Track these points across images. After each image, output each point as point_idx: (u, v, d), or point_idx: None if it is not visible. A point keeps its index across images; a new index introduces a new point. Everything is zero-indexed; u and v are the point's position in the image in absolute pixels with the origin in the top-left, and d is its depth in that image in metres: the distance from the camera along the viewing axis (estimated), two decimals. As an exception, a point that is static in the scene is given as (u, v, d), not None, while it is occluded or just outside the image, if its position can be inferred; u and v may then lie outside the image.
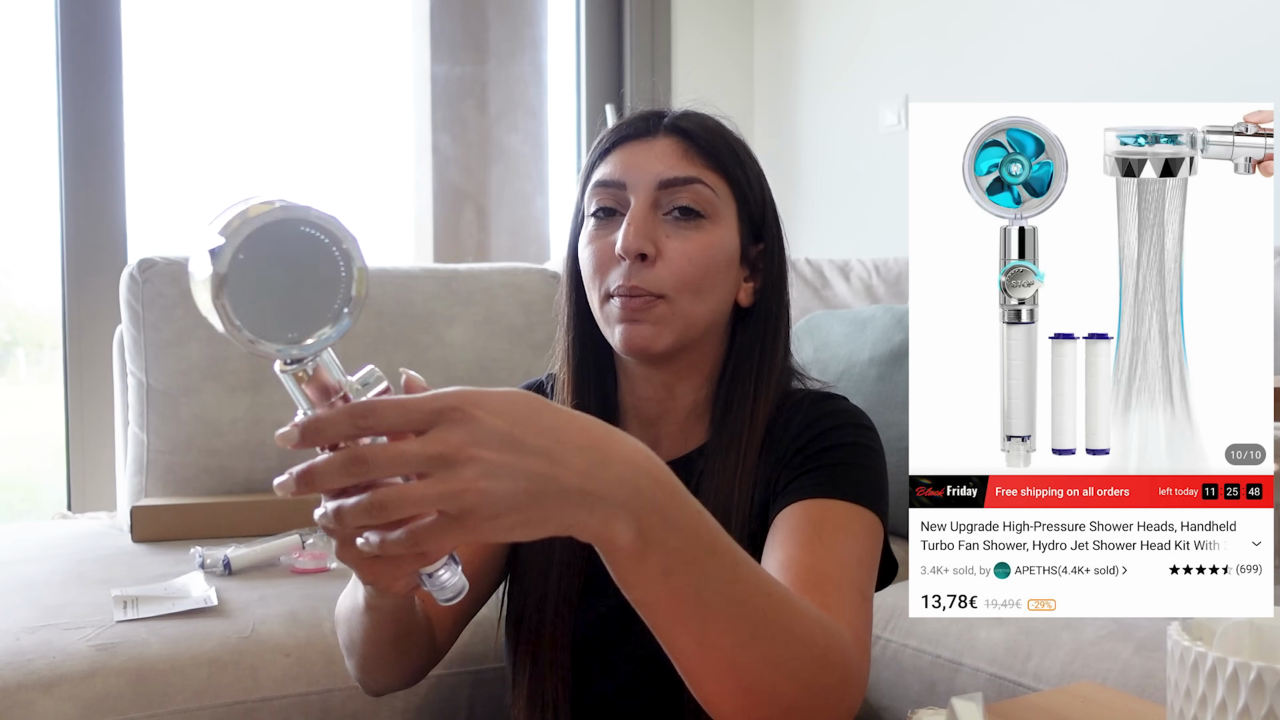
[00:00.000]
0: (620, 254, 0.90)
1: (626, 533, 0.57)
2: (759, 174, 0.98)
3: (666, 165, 0.92)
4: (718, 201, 0.93)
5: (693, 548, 0.59)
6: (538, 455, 0.54)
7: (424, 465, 0.53)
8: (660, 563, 0.58)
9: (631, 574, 0.59)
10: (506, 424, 0.54)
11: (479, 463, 0.53)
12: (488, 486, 0.53)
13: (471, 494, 0.53)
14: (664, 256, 0.90)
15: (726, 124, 0.98)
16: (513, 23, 2.92)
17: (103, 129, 2.29)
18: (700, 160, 0.93)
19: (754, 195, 0.96)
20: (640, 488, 0.57)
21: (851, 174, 2.74)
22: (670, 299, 0.90)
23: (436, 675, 1.32)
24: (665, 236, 0.91)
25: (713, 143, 0.94)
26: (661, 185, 0.91)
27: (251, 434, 1.84)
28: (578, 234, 0.98)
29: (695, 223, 0.92)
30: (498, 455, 0.53)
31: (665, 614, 0.61)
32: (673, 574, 0.59)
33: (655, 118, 0.95)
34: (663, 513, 0.58)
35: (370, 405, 0.54)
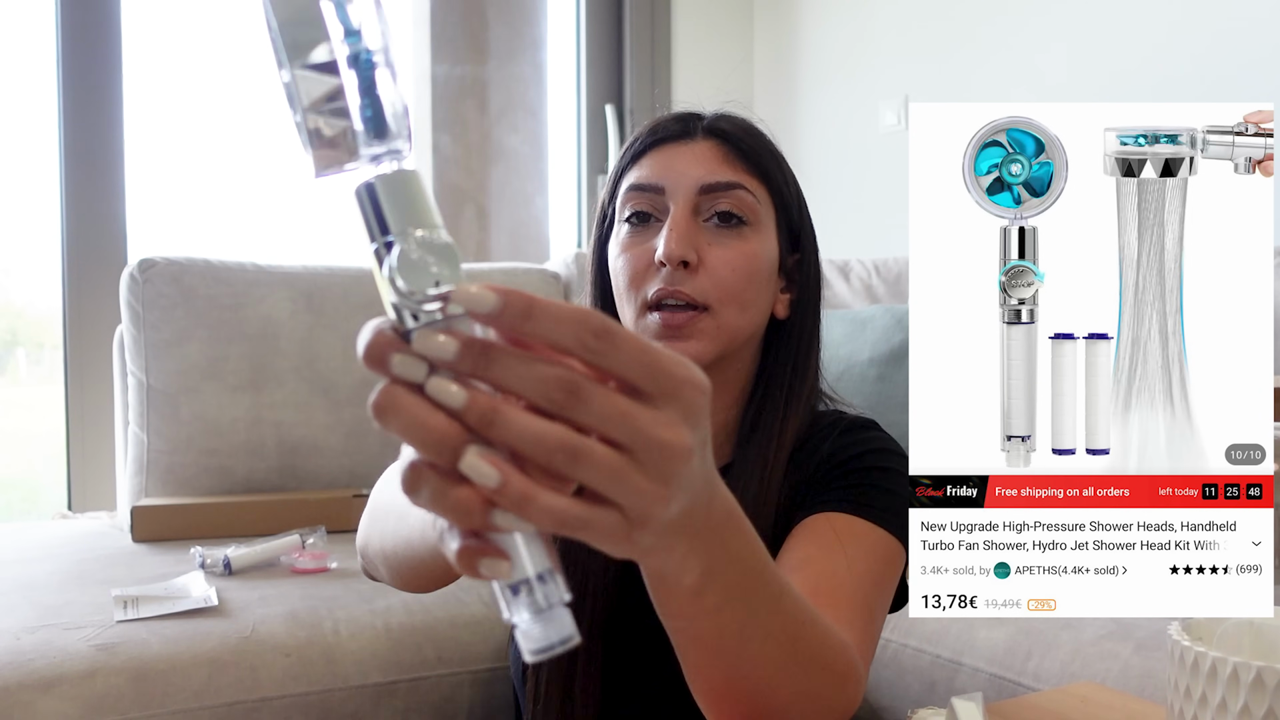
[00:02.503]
0: (661, 261, 0.86)
1: (695, 569, 0.50)
2: (795, 179, 0.94)
3: (707, 169, 0.88)
4: (759, 208, 0.89)
5: (748, 581, 0.54)
6: (710, 482, 0.46)
7: (644, 445, 0.40)
8: (716, 599, 0.53)
9: (684, 608, 0.53)
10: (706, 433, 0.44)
11: (688, 472, 0.42)
12: (672, 498, 0.41)
13: (662, 503, 0.41)
14: (706, 265, 0.86)
15: (762, 127, 0.94)
16: (513, 23, 2.92)
17: (103, 129, 2.29)
18: (741, 164, 0.89)
19: (793, 202, 0.92)
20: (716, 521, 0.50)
21: (851, 174, 2.73)
22: (714, 310, 0.86)
23: (436, 675, 1.32)
24: (707, 244, 0.87)
25: (754, 146, 0.90)
26: (703, 190, 0.87)
27: (251, 434, 1.84)
28: (604, 241, 0.94)
29: (737, 230, 0.88)
30: (696, 469, 0.43)
31: (705, 647, 0.57)
32: (723, 610, 0.54)
33: (693, 119, 0.91)
34: (727, 546, 0.51)
35: (610, 326, 0.39)
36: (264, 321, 1.88)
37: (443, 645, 1.34)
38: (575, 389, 0.39)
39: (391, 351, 0.39)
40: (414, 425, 0.38)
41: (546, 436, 0.39)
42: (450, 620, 1.36)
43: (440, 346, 0.38)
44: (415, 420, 0.38)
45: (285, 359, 1.88)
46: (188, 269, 1.86)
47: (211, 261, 1.90)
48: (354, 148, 0.43)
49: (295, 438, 1.87)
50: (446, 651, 1.33)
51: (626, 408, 0.40)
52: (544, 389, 0.39)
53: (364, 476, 1.92)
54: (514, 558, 0.41)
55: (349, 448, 1.91)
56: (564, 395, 0.39)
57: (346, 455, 1.90)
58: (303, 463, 1.87)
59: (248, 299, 1.88)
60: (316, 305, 1.93)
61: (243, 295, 1.88)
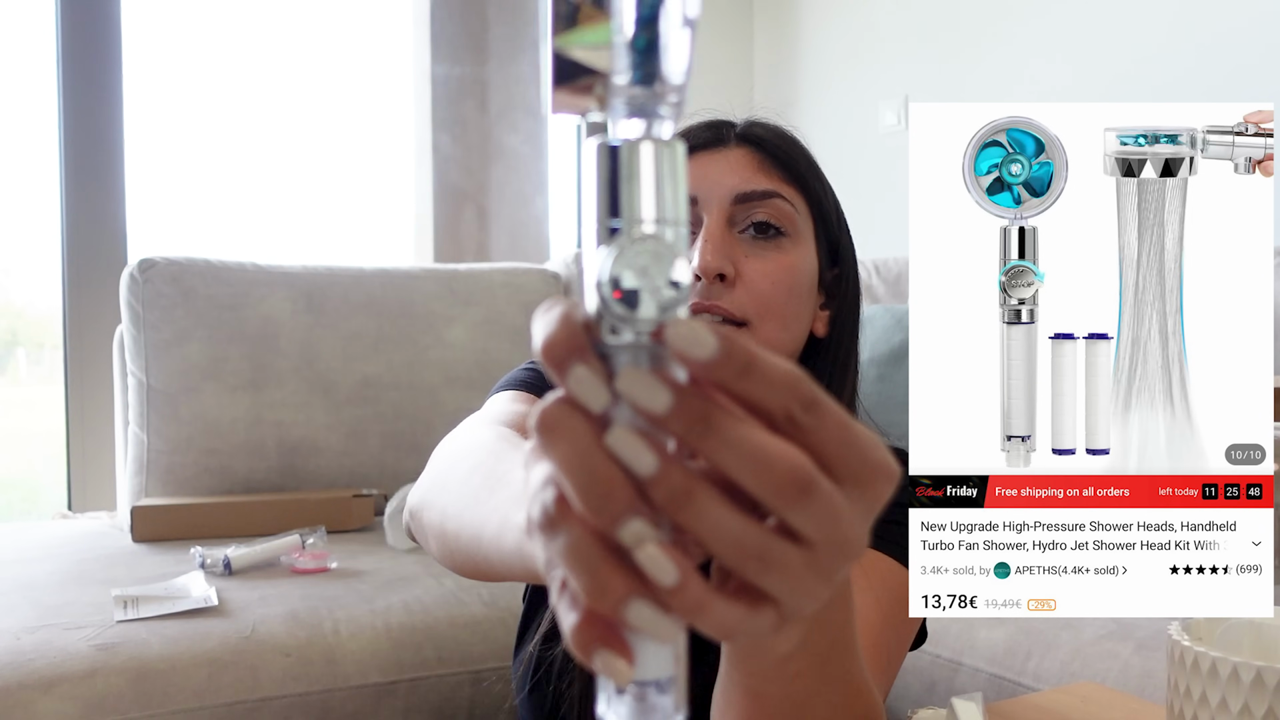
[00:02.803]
0: (696, 274, 0.81)
1: (794, 640, 0.45)
2: (832, 189, 0.89)
3: (741, 178, 0.83)
4: (797, 218, 0.84)
5: (834, 652, 0.50)
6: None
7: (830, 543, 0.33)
8: (799, 665, 0.48)
9: (763, 669, 0.49)
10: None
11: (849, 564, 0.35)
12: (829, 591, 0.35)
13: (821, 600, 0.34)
14: (743, 278, 0.81)
15: (797, 134, 0.89)
16: (513, 23, 2.92)
17: (103, 129, 2.29)
18: (777, 173, 0.85)
19: (831, 212, 0.88)
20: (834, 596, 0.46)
21: (851, 174, 2.73)
22: (754, 326, 0.81)
23: (436, 675, 1.32)
24: (744, 256, 0.82)
25: (790, 154, 0.86)
26: (737, 199, 0.83)
27: (251, 434, 1.84)
28: None
29: (775, 241, 0.83)
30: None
31: (764, 705, 0.52)
32: (802, 676, 0.49)
33: (725, 126, 0.87)
34: (832, 618, 0.47)
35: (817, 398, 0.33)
36: (264, 321, 1.88)
37: (443, 645, 1.34)
38: (809, 488, 0.32)
39: (576, 360, 0.31)
40: (580, 468, 0.31)
41: (747, 541, 0.32)
42: (450, 620, 1.36)
43: (650, 396, 0.31)
44: (584, 464, 0.31)
45: (285, 359, 1.88)
46: (188, 269, 1.86)
47: (211, 261, 1.90)
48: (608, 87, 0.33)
49: (295, 438, 1.87)
50: (446, 651, 1.33)
51: (841, 508, 0.33)
52: (772, 481, 0.31)
53: (364, 476, 1.92)
54: (639, 659, 0.32)
55: (349, 448, 1.91)
56: (796, 493, 0.32)
57: (346, 455, 1.90)
58: (303, 463, 1.87)
59: (248, 299, 1.88)
60: (316, 305, 1.93)
61: (243, 295, 1.88)
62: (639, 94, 0.33)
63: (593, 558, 0.31)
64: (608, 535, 0.31)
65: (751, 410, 0.32)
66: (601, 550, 0.31)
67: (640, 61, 0.32)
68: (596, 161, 0.32)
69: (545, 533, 0.32)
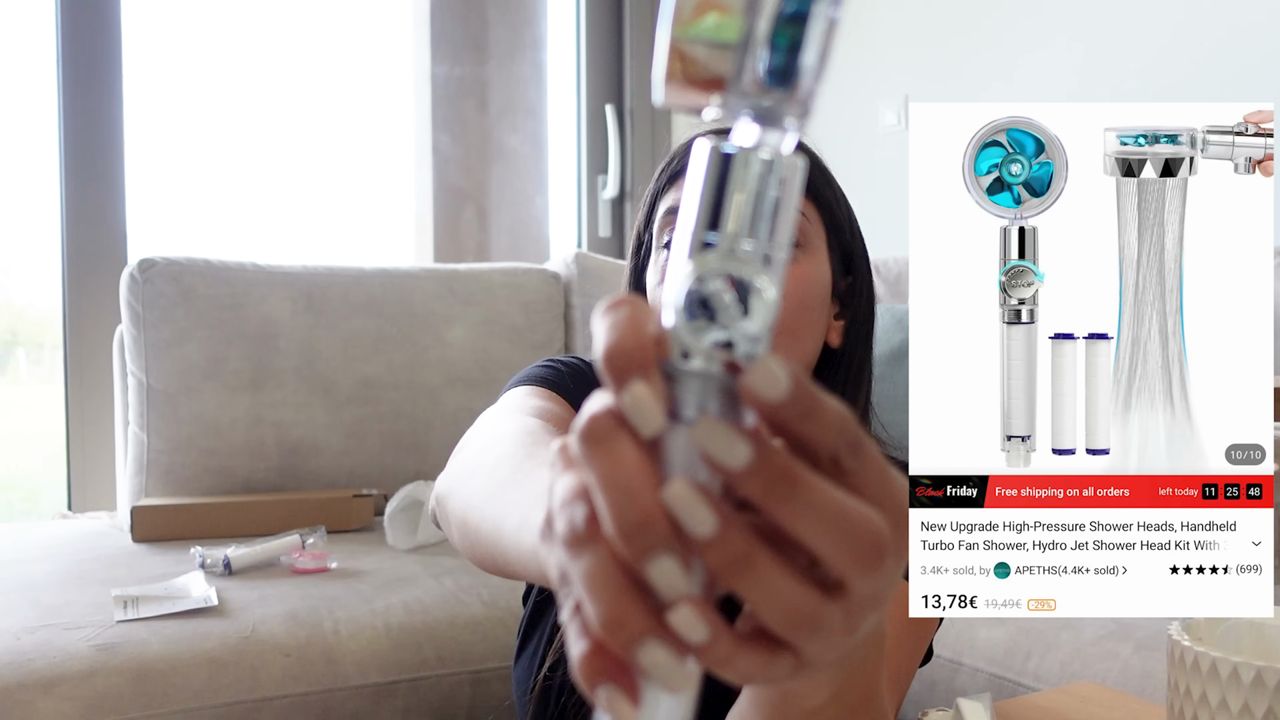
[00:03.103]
0: None
1: (826, 693, 0.44)
2: (845, 197, 0.88)
3: None
4: (809, 228, 0.83)
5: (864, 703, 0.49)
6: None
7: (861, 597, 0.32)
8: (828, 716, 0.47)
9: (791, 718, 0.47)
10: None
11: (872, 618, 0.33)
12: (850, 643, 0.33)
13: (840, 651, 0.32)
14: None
15: (808, 141, 0.87)
16: (513, 23, 2.92)
17: (103, 129, 2.29)
18: None
19: (844, 221, 0.87)
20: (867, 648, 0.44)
21: (851, 174, 2.73)
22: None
23: (436, 675, 1.32)
24: None
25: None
26: None
27: (251, 434, 1.84)
28: (641, 271, 0.88)
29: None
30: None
31: None
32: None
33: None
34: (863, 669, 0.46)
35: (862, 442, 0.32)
36: (264, 321, 1.88)
37: (443, 645, 1.34)
38: (881, 554, 0.30)
39: (638, 376, 0.29)
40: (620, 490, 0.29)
41: (804, 609, 0.30)
42: (450, 620, 1.36)
43: (729, 451, 0.28)
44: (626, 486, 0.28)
45: (285, 359, 1.88)
46: (188, 269, 1.86)
47: (211, 261, 1.91)
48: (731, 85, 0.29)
49: (295, 438, 1.87)
50: (446, 651, 1.33)
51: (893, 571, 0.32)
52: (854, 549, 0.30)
53: (364, 476, 1.92)
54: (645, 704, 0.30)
55: (349, 448, 1.91)
56: (876, 560, 0.30)
57: (346, 455, 1.90)
58: (303, 463, 1.87)
59: (248, 299, 1.88)
60: (316, 305, 1.93)
61: (243, 295, 1.88)
62: (768, 98, 0.30)
63: (613, 587, 0.29)
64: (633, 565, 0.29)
65: (799, 450, 0.31)
66: (624, 580, 0.29)
67: (778, 62, 0.29)
68: (705, 165, 0.29)
69: (569, 550, 0.30)
